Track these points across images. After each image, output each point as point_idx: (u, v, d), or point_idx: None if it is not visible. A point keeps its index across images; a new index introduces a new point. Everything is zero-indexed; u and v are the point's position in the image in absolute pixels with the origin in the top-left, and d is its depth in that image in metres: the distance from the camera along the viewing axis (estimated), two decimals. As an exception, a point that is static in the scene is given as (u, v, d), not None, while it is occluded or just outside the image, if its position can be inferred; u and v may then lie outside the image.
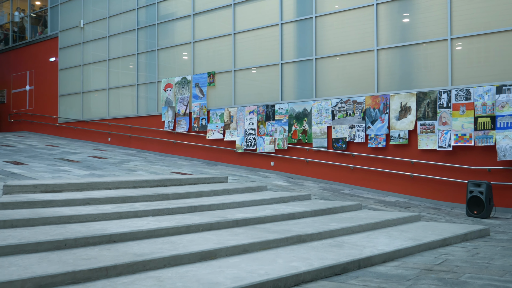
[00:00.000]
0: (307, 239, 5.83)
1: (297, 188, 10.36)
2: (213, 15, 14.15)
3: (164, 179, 8.83)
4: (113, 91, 17.09)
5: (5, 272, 4.03)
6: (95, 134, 17.48)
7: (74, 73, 18.69)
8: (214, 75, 13.86)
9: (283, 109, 12.25)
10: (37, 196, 6.84)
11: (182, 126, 14.54)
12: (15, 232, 5.17)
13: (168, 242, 5.30)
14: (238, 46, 13.46)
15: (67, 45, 19.06)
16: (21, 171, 9.45)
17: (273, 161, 12.45)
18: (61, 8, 19.46)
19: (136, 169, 11.18)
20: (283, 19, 12.51)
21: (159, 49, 15.54)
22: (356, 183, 11.00)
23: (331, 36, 11.69)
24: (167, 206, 6.86)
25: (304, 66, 12.12)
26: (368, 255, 5.17)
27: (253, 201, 7.78)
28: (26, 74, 20.98)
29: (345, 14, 11.46)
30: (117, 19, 17.08)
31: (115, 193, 7.44)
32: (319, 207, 7.60)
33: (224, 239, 5.45)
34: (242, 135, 13.03)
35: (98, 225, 5.75)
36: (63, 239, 4.95)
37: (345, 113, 11.13)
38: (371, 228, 6.71)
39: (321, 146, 11.52)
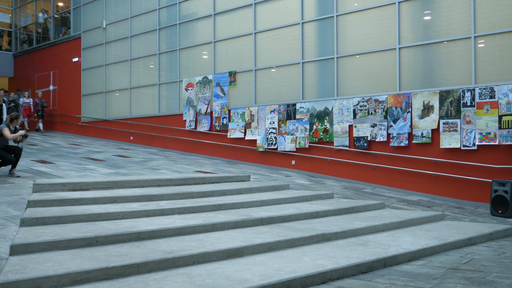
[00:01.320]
0: (332, 238, 5.88)
1: (318, 187, 10.39)
2: (234, 14, 14.24)
3: (188, 177, 8.95)
4: (135, 90, 17.30)
5: (42, 267, 4.17)
6: (118, 133, 17.73)
7: (96, 73, 18.97)
8: (235, 74, 13.95)
9: (304, 108, 12.28)
10: (66, 194, 7.00)
11: (203, 125, 14.67)
12: (47, 229, 5.32)
13: (195, 239, 5.40)
14: (259, 45, 13.53)
15: (89, 46, 19.35)
16: (49, 170, 9.66)
17: (294, 160, 12.49)
18: (84, 9, 19.76)
19: (159, 167, 11.33)
20: (304, 18, 12.53)
21: (180, 49, 15.69)
22: (378, 182, 10.98)
23: (352, 34, 11.67)
24: (192, 204, 6.97)
25: (325, 65, 12.13)
26: (394, 254, 5.20)
27: (277, 200, 7.85)
28: (50, 74, 21.35)
29: (366, 13, 11.44)
30: (139, 20, 17.28)
31: (140, 192, 7.58)
32: (342, 206, 7.63)
33: (250, 237, 5.53)
34: (263, 134, 13.10)
35: (127, 222, 5.88)
36: (94, 236, 5.08)
37: (367, 111, 11.12)
38: (395, 227, 6.73)
39: (342, 145, 11.52)
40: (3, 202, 6.76)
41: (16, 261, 4.35)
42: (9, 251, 4.62)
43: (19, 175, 8.68)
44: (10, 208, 6.41)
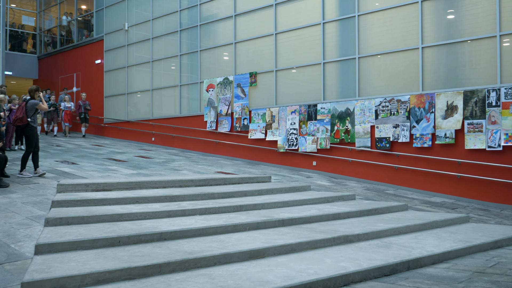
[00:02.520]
0: (354, 240, 5.82)
1: (340, 188, 10.31)
2: (255, 15, 14.24)
3: (209, 178, 8.96)
4: (156, 92, 17.45)
5: (66, 267, 4.22)
6: (139, 134, 17.90)
7: (118, 75, 19.19)
8: (255, 75, 13.95)
9: (325, 108, 12.20)
10: (89, 195, 7.08)
11: (224, 126, 14.71)
12: (71, 229, 5.39)
13: (217, 240, 5.40)
14: (279, 46, 13.50)
15: (112, 48, 19.58)
16: (72, 170, 9.79)
17: (315, 161, 12.43)
18: (106, 12, 20.01)
19: (180, 168, 11.39)
20: (325, 18, 12.46)
21: (201, 50, 15.75)
22: (401, 183, 10.84)
23: (374, 34, 11.56)
24: (213, 205, 6.97)
25: (347, 65, 12.04)
26: (417, 256, 5.12)
27: (298, 201, 7.81)
28: (73, 76, 21.68)
29: (388, 12, 11.32)
30: (160, 21, 17.42)
31: (162, 192, 7.62)
32: (364, 208, 7.55)
33: (271, 238, 5.51)
34: (284, 135, 13.06)
35: (149, 223, 5.91)
36: (117, 236, 5.12)
37: (389, 112, 11.00)
38: (419, 229, 6.63)
39: (364, 146, 11.42)
40: (28, 202, 6.87)
41: (41, 261, 4.41)
42: (34, 251, 4.69)
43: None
44: (35, 208, 6.51)
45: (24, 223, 5.75)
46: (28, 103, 8.91)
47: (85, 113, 18.34)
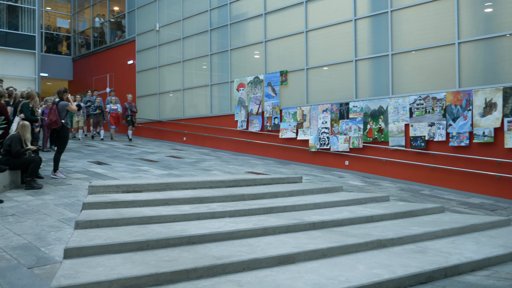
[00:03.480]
0: (388, 244, 5.62)
1: (373, 189, 10.06)
2: (285, 13, 14.07)
3: (239, 179, 8.88)
4: (187, 91, 17.49)
5: (93, 272, 4.19)
6: (171, 134, 18.00)
7: (150, 75, 19.35)
8: (286, 74, 13.79)
9: (358, 107, 11.94)
10: (119, 196, 7.10)
11: (255, 125, 14.61)
12: (100, 232, 5.38)
13: (246, 244, 5.29)
14: (310, 44, 13.30)
15: (143, 48, 19.76)
16: (104, 171, 9.88)
17: (348, 160, 12.18)
18: (138, 13, 20.20)
19: (211, 168, 11.35)
20: (357, 15, 12.18)
21: (231, 49, 15.69)
22: (437, 183, 10.50)
23: (407, 30, 11.23)
24: (243, 207, 6.88)
25: (379, 62, 11.74)
26: (455, 263, 4.89)
27: (329, 203, 7.63)
28: (106, 77, 22.00)
29: (422, 7, 10.96)
30: (191, 21, 17.45)
31: (192, 194, 7.58)
32: (398, 210, 7.32)
33: (301, 243, 5.37)
34: (316, 134, 12.86)
35: (178, 226, 5.86)
36: (146, 240, 5.08)
37: (424, 110, 10.66)
38: (456, 233, 6.36)
39: (398, 145, 11.11)
40: (60, 204, 6.93)
41: (69, 265, 4.40)
42: (63, 255, 4.69)
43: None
44: (67, 210, 6.56)
45: (55, 226, 5.78)
46: (59, 105, 9.01)
47: (132, 116, 17.29)
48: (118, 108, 17.22)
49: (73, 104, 9.21)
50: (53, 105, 9.23)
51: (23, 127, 8.06)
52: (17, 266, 4.44)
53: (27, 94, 8.97)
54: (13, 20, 19.51)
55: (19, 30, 19.45)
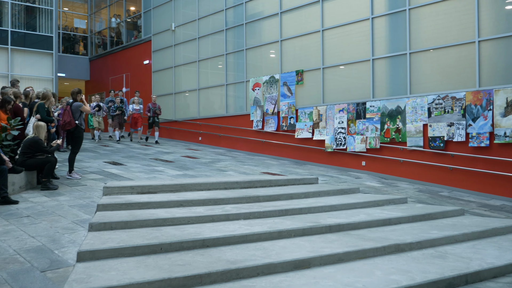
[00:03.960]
0: (406, 248, 5.48)
1: (390, 190, 9.89)
2: (301, 12, 13.94)
3: (254, 180, 8.79)
4: (203, 91, 17.47)
5: (106, 276, 4.14)
6: (187, 134, 18.00)
7: (166, 75, 19.37)
8: (302, 73, 13.66)
9: (375, 106, 11.77)
10: (134, 198, 7.06)
11: (270, 125, 14.51)
12: (114, 235, 5.34)
13: (261, 248, 5.20)
14: (326, 43, 13.15)
15: (159, 48, 19.79)
16: (119, 172, 9.87)
17: (365, 161, 12.02)
18: (154, 12, 20.24)
19: (226, 169, 11.29)
20: (374, 13, 12.00)
21: (247, 49, 15.61)
22: (456, 184, 10.28)
23: (426, 28, 11.02)
24: (258, 209, 6.78)
25: (397, 61, 11.55)
26: (476, 269, 4.74)
27: (346, 205, 7.50)
28: (123, 77, 22.10)
29: (441, 5, 10.75)
30: (206, 21, 17.41)
31: (207, 195, 7.51)
32: (417, 212, 7.16)
33: (317, 247, 5.26)
34: (332, 134, 12.72)
35: (192, 228, 5.79)
36: (159, 243, 5.02)
37: (443, 110, 10.45)
38: (477, 237, 6.19)
39: (416, 145, 10.92)
40: (75, 205, 6.92)
41: (82, 269, 4.36)
42: (76, 258, 4.65)
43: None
44: (81, 212, 6.54)
45: (69, 228, 5.76)
46: (72, 106, 9.02)
47: (154, 117, 16.45)
48: (140, 109, 16.59)
49: (87, 105, 9.21)
50: (67, 106, 9.25)
51: (37, 128, 8.10)
52: (30, 269, 4.41)
53: (43, 95, 9.00)
54: (31, 21, 19.70)
55: (36, 31, 19.63)
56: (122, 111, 16.59)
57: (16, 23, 19.22)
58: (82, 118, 9.14)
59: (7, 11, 18.92)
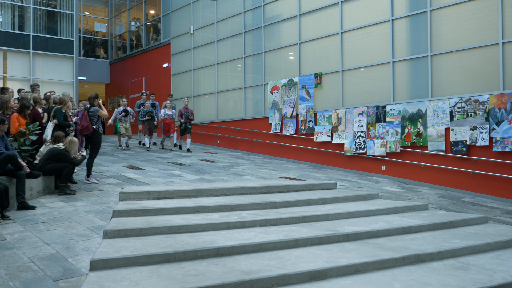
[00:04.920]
0: (426, 259, 5.31)
1: (411, 195, 9.68)
2: (320, 14, 13.78)
3: (272, 185, 8.68)
4: (221, 94, 17.43)
5: (117, 287, 4.08)
6: (205, 137, 17.98)
7: (185, 78, 19.40)
8: (321, 76, 13.51)
9: (395, 110, 11.55)
10: (149, 204, 7.02)
11: (289, 129, 14.39)
12: (128, 243, 5.29)
13: (276, 257, 5.10)
14: (345, 45, 12.98)
15: (178, 51, 19.83)
16: (137, 176, 9.87)
17: (385, 165, 11.80)
18: (173, 16, 20.30)
19: (243, 173, 11.21)
20: (394, 15, 11.79)
21: (265, 52, 15.52)
22: (479, 190, 10.02)
23: (447, 30, 10.77)
24: (275, 216, 6.68)
25: (418, 63, 11.32)
26: (501, 282, 4.56)
27: (364, 212, 7.34)
28: (142, 80, 22.22)
29: (463, 6, 10.49)
30: (225, 24, 17.38)
31: (223, 201, 7.43)
32: (438, 220, 6.96)
33: (334, 256, 5.13)
34: (351, 138, 12.53)
35: (207, 236, 5.71)
36: (173, 252, 4.96)
37: (466, 113, 10.20)
38: (501, 247, 5.98)
39: (437, 150, 10.67)
40: (91, 211, 6.91)
41: (94, 278, 4.31)
42: (89, 266, 4.61)
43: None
44: (97, 218, 6.53)
45: (84, 235, 5.74)
46: (90, 110, 9.06)
47: (186, 123, 15.17)
48: (173, 114, 15.39)
49: (104, 110, 9.23)
50: (84, 111, 9.28)
51: (71, 143, 8.14)
52: (43, 278, 4.38)
53: (60, 100, 9.05)
54: (52, 26, 19.94)
55: (58, 35, 19.85)
56: (152, 116, 15.26)
57: (38, 28, 19.47)
58: (100, 122, 9.16)
59: (29, 15, 19.18)
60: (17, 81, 18.46)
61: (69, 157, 7.97)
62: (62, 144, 8.14)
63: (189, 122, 15.23)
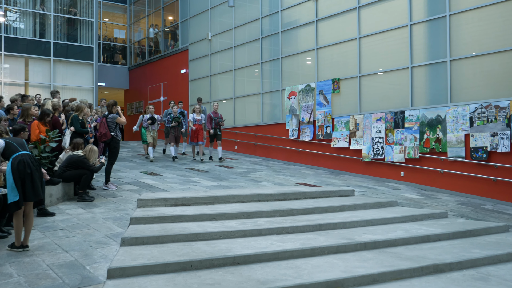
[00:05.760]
0: (445, 269, 5.24)
1: (430, 202, 9.55)
2: (337, 19, 13.73)
3: (289, 192, 8.66)
4: (238, 100, 17.47)
5: (134, 296, 4.10)
6: (223, 142, 17.97)
7: (202, 84, 19.50)
8: (338, 82, 13.45)
9: (414, 115, 11.43)
10: (167, 211, 7.05)
11: (306, 134, 14.34)
12: (145, 250, 5.32)
13: (292, 266, 5.08)
14: (363, 51, 12.90)
15: (196, 57, 19.95)
16: (154, 182, 9.93)
17: (403, 171, 11.68)
18: (191, 22, 20.44)
19: (261, 179, 11.20)
20: (412, 20, 11.69)
21: (282, 57, 15.52)
22: (500, 197, 9.84)
23: (467, 35, 10.63)
24: (291, 224, 6.66)
25: (437, 68, 11.20)
26: (522, 295, 4.46)
27: (382, 219, 7.27)
28: (160, 86, 22.39)
29: (483, 10, 10.35)
30: (242, 29, 17.43)
31: (240, 208, 7.43)
32: (457, 229, 6.85)
33: (351, 266, 5.08)
34: (369, 144, 12.44)
35: (223, 244, 5.72)
36: (189, 260, 4.97)
37: (486, 119, 10.04)
38: (523, 257, 5.86)
39: (457, 156, 10.53)
40: (109, 218, 6.98)
41: (111, 287, 4.34)
42: (106, 274, 4.65)
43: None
44: (115, 225, 6.58)
45: (102, 242, 5.79)
46: (108, 118, 9.16)
47: (216, 129, 13.98)
48: (202, 119, 14.15)
49: (123, 117, 9.32)
50: (102, 118, 9.38)
51: (91, 151, 8.24)
52: (61, 286, 4.43)
53: (76, 107, 9.18)
54: (72, 33, 20.25)
55: (78, 42, 20.15)
56: (179, 123, 14.09)
57: (58, 35, 19.79)
58: (118, 129, 9.25)
59: (50, 23, 19.51)
60: (38, 87, 18.78)
61: (87, 164, 8.07)
62: (81, 151, 8.25)
63: (219, 128, 14.07)
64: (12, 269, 4.85)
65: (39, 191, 5.56)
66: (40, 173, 5.76)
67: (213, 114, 13.99)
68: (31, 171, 5.47)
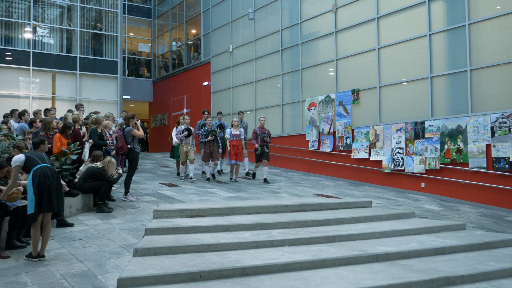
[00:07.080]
0: (457, 282, 5.16)
1: (450, 214, 9.40)
2: (356, 30, 13.73)
3: (305, 203, 8.65)
4: (259, 111, 17.55)
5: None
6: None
7: (224, 95, 19.69)
8: (358, 93, 13.41)
9: (434, 126, 11.31)
10: (181, 222, 7.14)
11: (326, 145, 14.31)
12: (157, 261, 5.41)
13: (301, 278, 5.09)
14: (382, 61, 12.85)
15: (218, 69, 20.18)
16: (173, 194, 10.06)
17: (424, 183, 11.53)
18: (213, 35, 20.71)
19: (279, 190, 11.21)
20: (432, 29, 11.61)
21: (302, 69, 15.57)
22: (523, 209, 9.63)
23: (487, 44, 10.50)
24: (305, 235, 6.65)
25: (457, 78, 11.07)
26: (534, 309, 4.36)
27: (398, 231, 7.19)
28: (184, 98, 22.70)
29: (503, 19, 10.21)
30: (263, 41, 17.57)
31: (254, 219, 7.46)
32: (474, 241, 6.74)
33: (360, 278, 5.06)
34: (389, 154, 12.33)
35: (234, 255, 5.76)
36: (198, 271, 5.04)
37: (508, 129, 9.86)
38: (540, 270, 5.71)
39: (479, 167, 10.35)
40: (125, 228, 7.11)
41: (119, 297, 4.44)
42: (116, 284, 4.74)
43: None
44: (130, 236, 6.70)
45: (116, 252, 5.91)
46: (125, 131, 9.36)
47: (263, 147, 12.45)
48: (241, 133, 12.39)
49: (140, 130, 9.50)
50: (120, 131, 9.59)
51: (109, 163, 8.44)
52: (72, 295, 4.55)
53: (95, 120, 9.41)
54: (97, 47, 20.77)
55: (103, 56, 20.65)
56: (215, 137, 12.04)
57: (84, 50, 20.33)
58: (136, 141, 9.43)
59: (76, 38, 20.07)
60: (65, 101, 19.28)
61: (105, 176, 8.25)
62: (100, 163, 8.44)
63: (266, 145, 12.52)
64: (27, 278, 4.99)
65: (54, 204, 5.72)
66: (59, 185, 5.92)
67: (259, 130, 12.62)
68: (50, 183, 5.64)
